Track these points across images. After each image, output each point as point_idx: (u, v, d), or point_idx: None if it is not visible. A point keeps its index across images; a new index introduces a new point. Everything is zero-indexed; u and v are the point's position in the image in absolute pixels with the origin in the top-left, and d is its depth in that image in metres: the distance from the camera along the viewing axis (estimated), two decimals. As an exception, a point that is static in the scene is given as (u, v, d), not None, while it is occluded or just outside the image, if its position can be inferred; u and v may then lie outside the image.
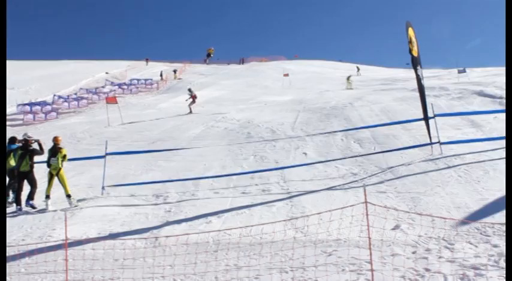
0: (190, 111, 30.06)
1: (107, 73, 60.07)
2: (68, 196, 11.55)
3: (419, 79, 14.19)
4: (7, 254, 8.10)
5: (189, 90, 31.81)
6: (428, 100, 15.18)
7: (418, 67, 14.18)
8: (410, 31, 13.99)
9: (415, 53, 14.00)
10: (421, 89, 14.38)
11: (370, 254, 6.32)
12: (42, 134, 22.51)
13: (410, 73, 19.14)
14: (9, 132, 26.02)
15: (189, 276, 6.94)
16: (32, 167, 11.91)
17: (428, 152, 13.66)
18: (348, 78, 43.44)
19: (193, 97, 30.85)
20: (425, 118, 14.22)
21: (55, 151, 11.90)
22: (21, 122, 33.86)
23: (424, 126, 14.32)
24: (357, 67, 64.45)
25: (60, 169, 11.77)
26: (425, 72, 18.58)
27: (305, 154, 15.71)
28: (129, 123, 26.78)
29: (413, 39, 14.04)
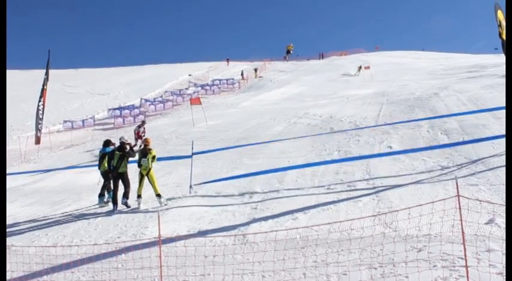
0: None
1: (189, 75, 61.54)
2: (158, 195, 11.98)
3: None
4: (105, 251, 8.59)
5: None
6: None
7: (509, 52, 13.46)
8: (500, 14, 13.34)
9: (505, 37, 13.32)
10: (512, 75, 13.64)
11: (464, 249, 6.08)
12: (132, 136, 23.53)
13: (500, 58, 18.13)
14: (103, 136, 27.48)
15: (278, 272, 7.00)
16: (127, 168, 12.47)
17: (523, 141, 12.93)
18: None
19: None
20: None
21: (145, 152, 12.38)
22: (112, 125, 35.59)
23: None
24: (359, 67, 54.41)
25: (150, 169, 12.23)
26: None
27: (390, 147, 15.39)
28: (213, 123, 27.35)
29: (503, 22, 13.37)
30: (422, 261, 6.70)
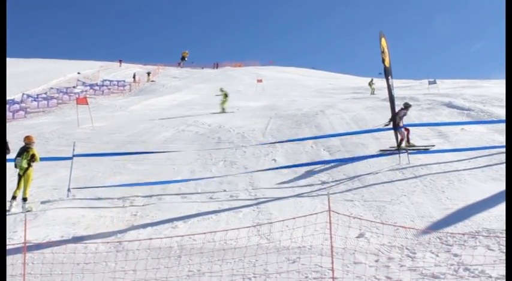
0: None
1: (78, 73, 59.30)
2: (24, 199, 11.22)
3: (390, 89, 14.39)
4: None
5: None
6: (398, 110, 15.36)
7: (390, 77, 14.39)
8: (383, 41, 14.19)
9: (387, 64, 14.22)
10: (391, 98, 14.59)
11: (332, 262, 6.36)
12: (8, 133, 22.08)
13: (383, 83, 19.21)
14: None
15: (151, 281, 6.87)
16: None
17: (396, 161, 13.81)
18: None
19: None
20: (394, 128, 14.42)
21: (22, 150, 11.66)
22: (-13, 120, 33.20)
23: (393, 136, 14.52)
24: (371, 81, 41.36)
25: (27, 169, 11.50)
26: (397, 83, 18.83)
27: (274, 160, 15.74)
28: (99, 125, 26.45)
29: (386, 49, 14.26)
30: (295, 272, 6.89)
